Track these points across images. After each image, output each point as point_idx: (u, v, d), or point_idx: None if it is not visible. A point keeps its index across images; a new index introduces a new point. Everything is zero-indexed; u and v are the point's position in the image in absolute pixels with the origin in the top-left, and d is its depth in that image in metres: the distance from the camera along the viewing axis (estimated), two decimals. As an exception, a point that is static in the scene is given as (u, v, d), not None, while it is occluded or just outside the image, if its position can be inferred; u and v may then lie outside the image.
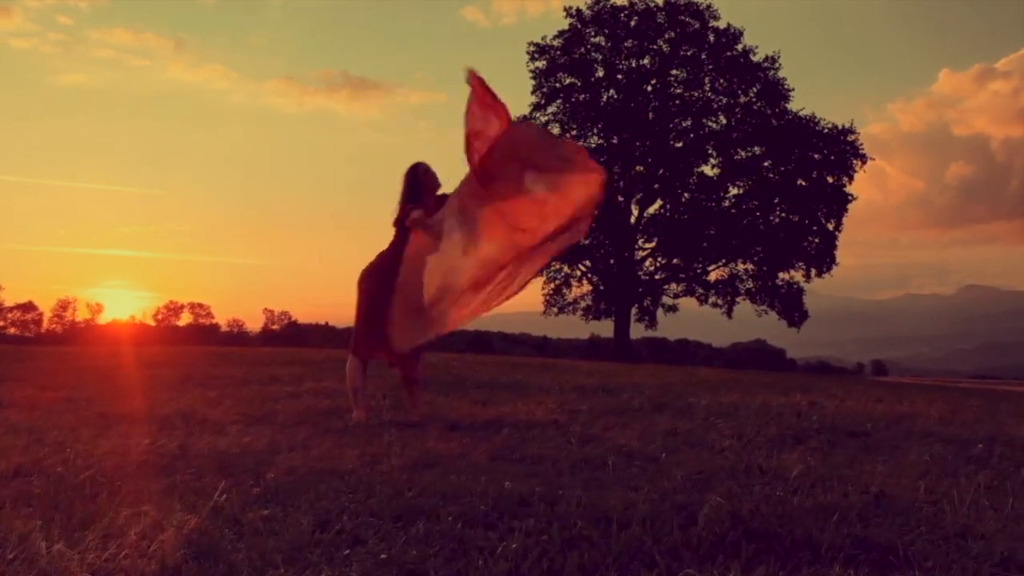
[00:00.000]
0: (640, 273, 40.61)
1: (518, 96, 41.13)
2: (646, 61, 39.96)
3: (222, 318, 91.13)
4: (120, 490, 3.88)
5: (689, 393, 8.77)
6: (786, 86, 38.43)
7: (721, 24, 39.16)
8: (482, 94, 5.91)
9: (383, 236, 7.13)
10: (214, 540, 3.02)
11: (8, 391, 8.99)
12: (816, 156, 37.64)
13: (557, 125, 40.53)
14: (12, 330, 74.15)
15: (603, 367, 17.28)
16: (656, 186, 39.95)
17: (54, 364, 14.09)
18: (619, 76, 40.18)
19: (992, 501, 3.80)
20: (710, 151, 39.74)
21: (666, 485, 4.02)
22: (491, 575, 2.79)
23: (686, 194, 40.05)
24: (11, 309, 76.65)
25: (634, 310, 40.76)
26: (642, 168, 40.09)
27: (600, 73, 40.34)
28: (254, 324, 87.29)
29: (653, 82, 40.09)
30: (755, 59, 38.71)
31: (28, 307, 77.76)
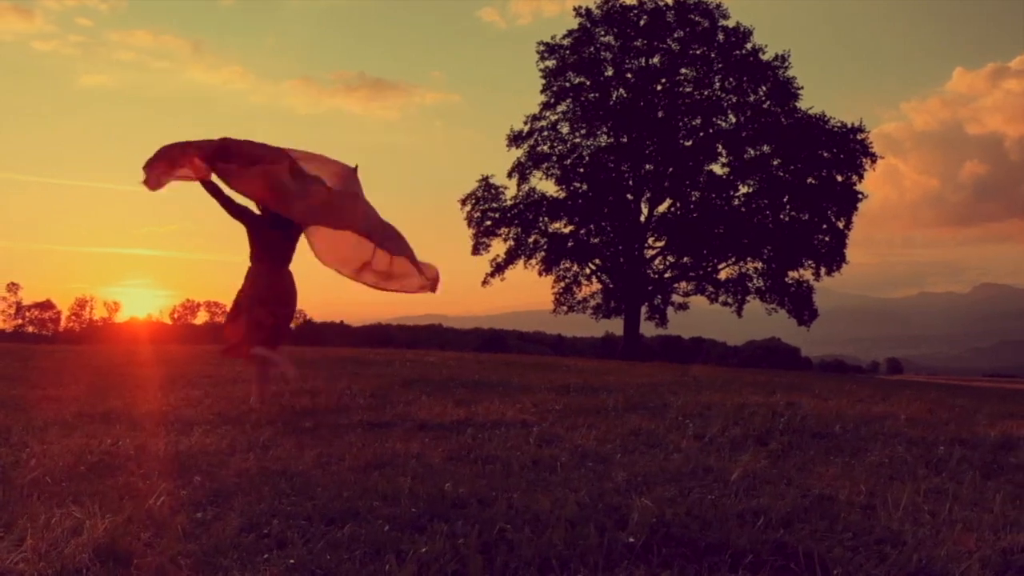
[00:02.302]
0: (650, 272, 40.46)
1: (531, 95, 41.13)
2: (656, 60, 39.77)
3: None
4: (60, 491, 3.87)
5: (671, 392, 8.70)
6: (795, 85, 38.17)
7: (730, 23, 39.03)
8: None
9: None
10: (126, 543, 2.99)
11: (4, 390, 9.03)
12: (825, 155, 37.36)
13: (567, 124, 40.49)
14: (30, 328, 74.55)
15: (600, 365, 17.20)
16: (665, 185, 39.76)
17: (57, 363, 14.15)
18: (628, 75, 40.00)
19: (932, 506, 3.74)
20: (719, 150, 39.51)
21: (606, 487, 3.98)
22: (396, 578, 2.76)
23: (695, 193, 39.81)
24: (29, 307, 77.08)
25: (644, 308, 40.62)
26: (651, 167, 39.89)
27: (609, 72, 40.16)
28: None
29: (662, 81, 39.92)
30: (764, 58, 38.51)
31: (46, 305, 78.22)
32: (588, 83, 40.14)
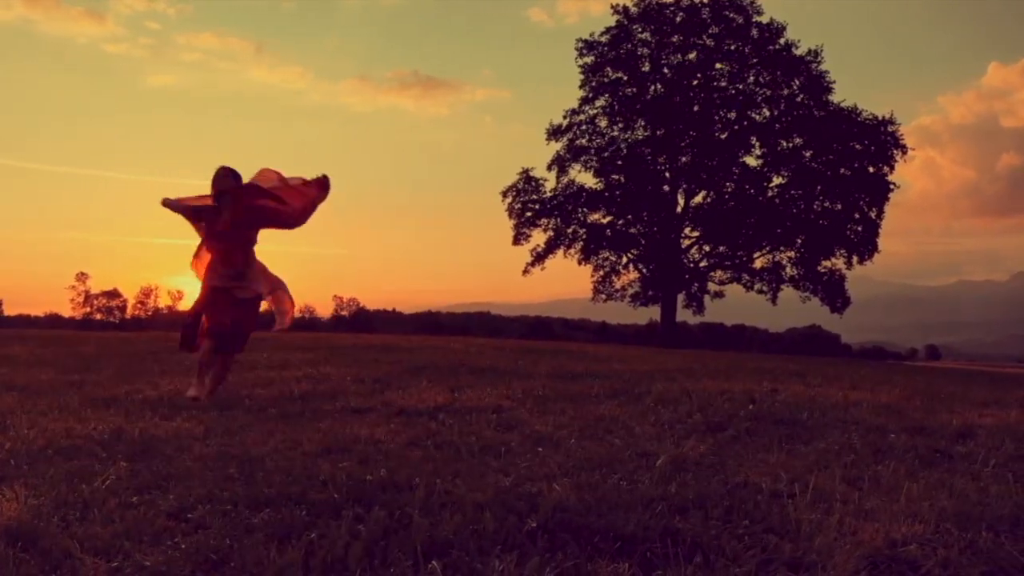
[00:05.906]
0: (686, 261, 40.18)
1: (575, 91, 40.99)
2: (691, 56, 39.46)
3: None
4: (15, 473, 3.92)
5: (665, 379, 8.59)
6: (828, 79, 37.62)
7: (764, 19, 38.56)
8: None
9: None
10: (37, 525, 3.01)
11: (33, 375, 9.19)
12: (857, 147, 36.82)
13: (605, 118, 40.34)
14: (98, 316, 75.89)
15: (616, 352, 17.01)
16: (701, 176, 39.44)
17: (98, 349, 14.37)
18: (665, 70, 39.73)
19: (849, 494, 3.63)
20: (754, 142, 39.11)
21: (537, 472, 3.93)
22: (280, 563, 2.73)
23: (730, 184, 39.45)
24: (97, 296, 78.47)
25: (681, 296, 40.37)
26: (687, 159, 39.59)
27: (646, 68, 39.90)
28: (324, 310, 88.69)
29: (698, 76, 39.57)
30: (798, 53, 37.99)
31: (113, 294, 79.52)
32: (626, 78, 39.95)
